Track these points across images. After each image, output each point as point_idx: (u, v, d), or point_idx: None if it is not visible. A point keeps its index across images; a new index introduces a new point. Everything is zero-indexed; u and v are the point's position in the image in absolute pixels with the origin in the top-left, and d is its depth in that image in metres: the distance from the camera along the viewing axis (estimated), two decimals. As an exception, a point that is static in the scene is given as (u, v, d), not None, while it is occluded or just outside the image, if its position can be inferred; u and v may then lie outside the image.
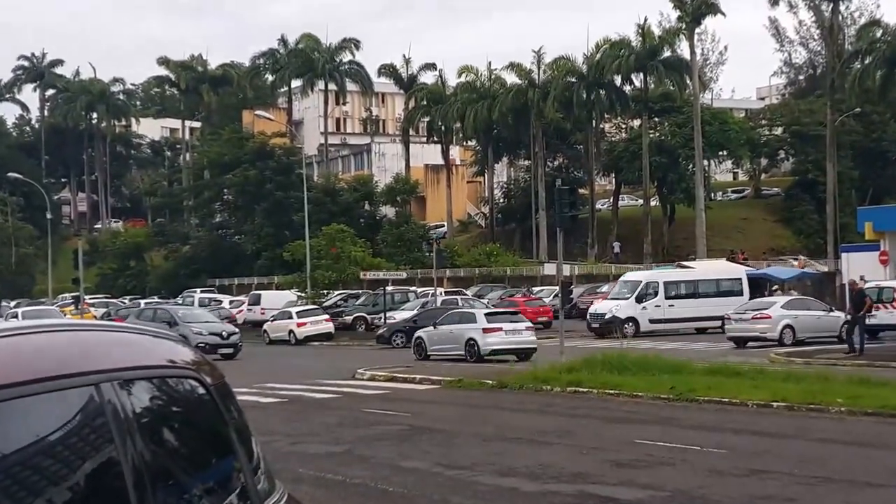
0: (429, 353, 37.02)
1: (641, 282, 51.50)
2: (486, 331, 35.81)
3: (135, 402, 3.44)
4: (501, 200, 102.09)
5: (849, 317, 36.95)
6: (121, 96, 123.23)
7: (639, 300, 49.42)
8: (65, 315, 54.64)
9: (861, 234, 65.89)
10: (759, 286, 62.33)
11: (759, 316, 41.16)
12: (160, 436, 3.66)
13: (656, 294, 50.48)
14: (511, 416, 20.99)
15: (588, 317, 51.39)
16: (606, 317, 49.21)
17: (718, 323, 49.88)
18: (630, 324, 48.08)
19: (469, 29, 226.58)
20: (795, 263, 73.32)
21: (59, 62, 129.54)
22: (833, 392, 21.17)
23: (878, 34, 79.99)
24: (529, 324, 38.49)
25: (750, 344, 40.46)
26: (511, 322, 37.07)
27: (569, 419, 20.18)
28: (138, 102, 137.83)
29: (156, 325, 40.50)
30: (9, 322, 5.53)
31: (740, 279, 53.55)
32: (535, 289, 65.76)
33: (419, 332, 38.71)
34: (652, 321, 48.88)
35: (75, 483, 3.05)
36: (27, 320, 10.24)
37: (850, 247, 68.86)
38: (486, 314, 38.39)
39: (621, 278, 55.73)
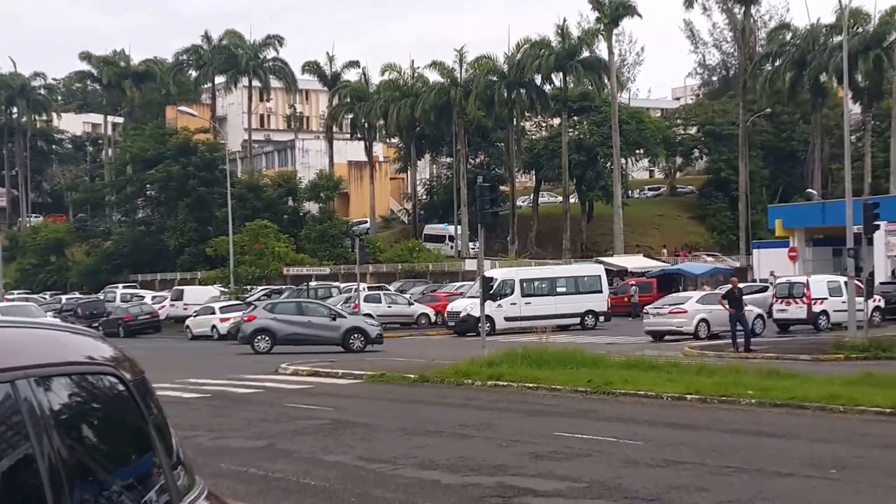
0: None
1: (497, 279, 50.67)
2: None
3: (52, 399, 3.38)
4: (424, 197, 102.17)
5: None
6: (42, 91, 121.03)
7: (494, 298, 47.77)
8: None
9: (771, 231, 67.16)
10: (674, 282, 63.17)
11: (675, 311, 41.60)
12: (78, 433, 3.59)
13: (513, 292, 49.74)
14: (432, 410, 20.98)
15: (446, 315, 51.02)
16: (461, 315, 48.57)
17: (577, 320, 49.96)
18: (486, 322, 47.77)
19: (392, 28, 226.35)
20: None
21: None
22: (744, 385, 21.44)
23: (788, 37, 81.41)
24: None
25: (667, 337, 40.84)
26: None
27: (489, 412, 20.18)
28: (59, 97, 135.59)
29: (320, 319, 40.27)
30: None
31: (599, 276, 53.17)
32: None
33: None
34: (508, 319, 47.85)
35: (-11, 482, 2.98)
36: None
37: (761, 243, 70.12)
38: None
39: (482, 275, 54.52)
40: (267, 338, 39.49)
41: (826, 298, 43.49)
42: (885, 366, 25.87)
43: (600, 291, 51.89)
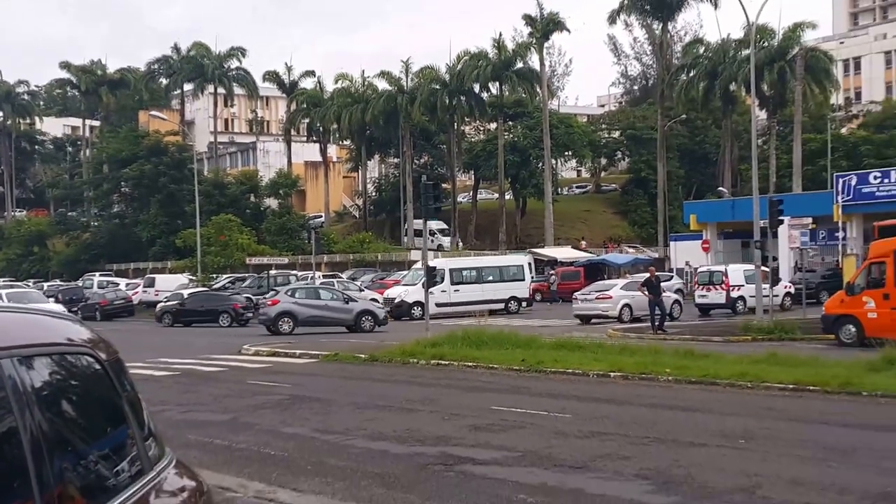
0: None
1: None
2: None
3: (34, 377, 3.37)
4: (373, 194, 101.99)
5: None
6: (25, 97, 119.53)
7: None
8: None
9: (686, 225, 67.67)
10: (600, 271, 63.49)
11: (601, 296, 41.81)
12: (58, 408, 3.57)
13: (443, 280, 48.97)
14: (381, 387, 20.94)
15: (383, 301, 50.83)
16: (396, 301, 48.30)
17: (502, 306, 49.67)
18: (417, 307, 46.85)
19: (345, 41, 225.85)
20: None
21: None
22: (662, 363, 21.55)
23: (701, 51, 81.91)
24: None
25: (594, 321, 41.00)
26: None
27: (433, 389, 20.18)
28: (42, 102, 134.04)
29: (335, 302, 40.63)
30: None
31: (522, 266, 52.99)
32: None
33: None
34: (438, 305, 46.93)
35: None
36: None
37: (677, 236, 70.68)
38: None
39: (414, 265, 54.01)
40: (289, 320, 39.36)
41: (743, 285, 43.92)
42: (788, 346, 26.24)
43: (523, 280, 51.81)
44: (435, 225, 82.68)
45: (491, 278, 50.94)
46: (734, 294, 44.21)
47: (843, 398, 17.35)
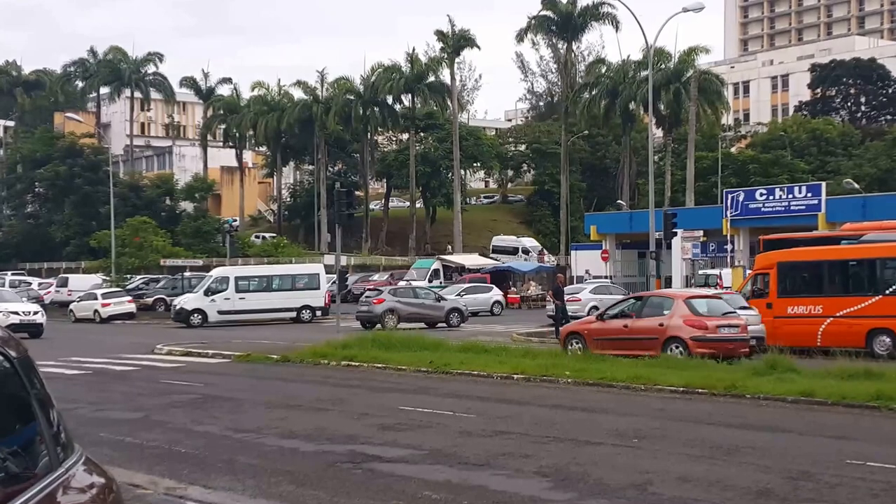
0: None
1: (212, 277, 48.35)
2: None
3: (-59, 374, 3.23)
4: (288, 199, 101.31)
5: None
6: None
7: (207, 293, 46.27)
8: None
9: (587, 236, 68.46)
10: (506, 277, 63.77)
11: (571, 299, 42.13)
12: (-35, 404, 3.45)
13: (227, 288, 46.90)
14: (293, 387, 20.76)
15: (171, 307, 49.22)
16: (177, 308, 46.88)
17: (293, 314, 47.78)
18: (197, 314, 45.51)
19: (264, 52, 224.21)
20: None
21: None
22: (562, 366, 21.70)
23: (603, 70, 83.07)
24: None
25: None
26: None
27: (343, 389, 20.06)
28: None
29: (429, 301, 42.28)
30: None
31: (318, 274, 52.14)
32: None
33: None
34: (221, 312, 45.80)
35: None
36: None
37: (578, 245, 71.50)
38: None
39: (210, 272, 52.66)
40: (394, 316, 40.50)
41: (730, 287, 44.75)
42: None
43: (317, 288, 49.62)
44: (529, 242, 79.46)
45: (281, 287, 48.78)
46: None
47: (728, 400, 17.67)
